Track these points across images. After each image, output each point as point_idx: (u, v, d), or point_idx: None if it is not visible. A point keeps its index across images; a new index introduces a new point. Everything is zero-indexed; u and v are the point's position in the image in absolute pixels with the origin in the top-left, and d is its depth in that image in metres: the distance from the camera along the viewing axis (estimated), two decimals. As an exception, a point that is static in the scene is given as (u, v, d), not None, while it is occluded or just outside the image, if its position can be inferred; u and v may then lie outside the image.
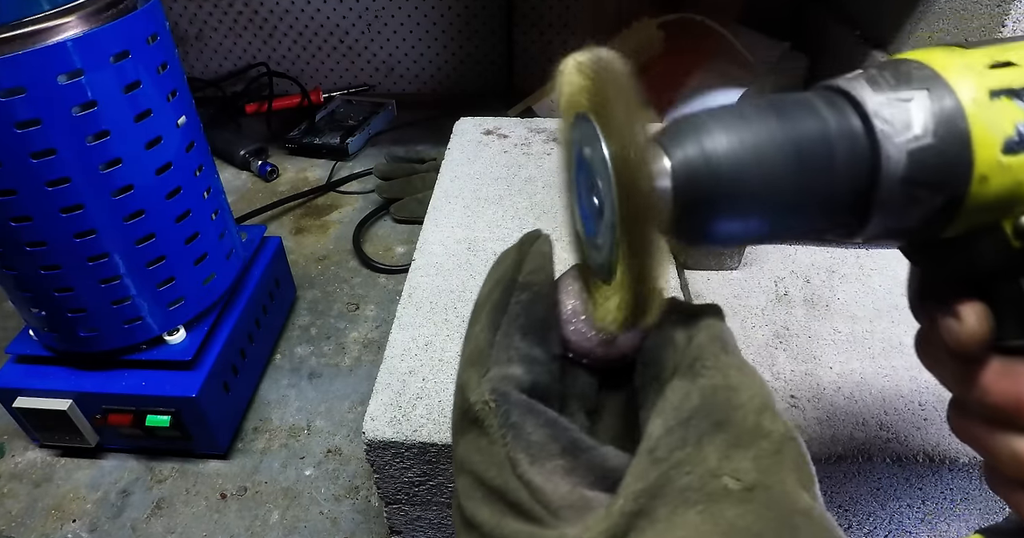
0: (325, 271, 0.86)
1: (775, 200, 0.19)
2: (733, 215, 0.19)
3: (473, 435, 0.19)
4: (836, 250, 0.54)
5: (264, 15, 1.21)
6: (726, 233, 0.20)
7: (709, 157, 0.18)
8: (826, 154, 0.19)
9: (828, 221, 0.20)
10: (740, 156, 0.18)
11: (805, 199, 0.19)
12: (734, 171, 0.18)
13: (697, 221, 0.19)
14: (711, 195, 0.19)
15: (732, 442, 0.17)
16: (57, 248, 0.49)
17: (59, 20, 0.43)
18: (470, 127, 0.72)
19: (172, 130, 0.52)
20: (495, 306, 0.21)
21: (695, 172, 0.18)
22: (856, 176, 0.19)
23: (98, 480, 0.61)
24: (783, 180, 0.19)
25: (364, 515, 0.58)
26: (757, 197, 0.19)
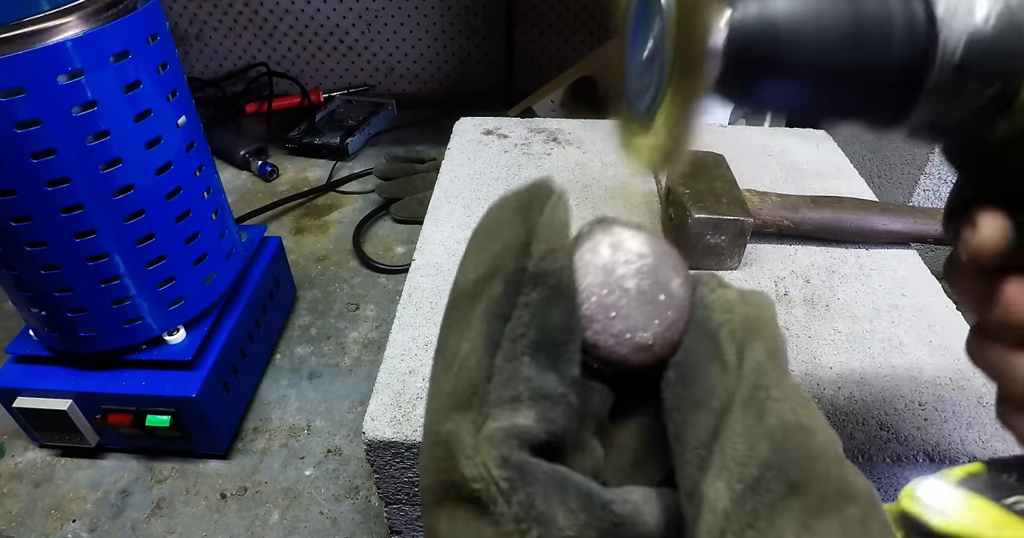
0: (325, 271, 0.86)
1: (827, 68, 0.19)
2: (782, 77, 0.19)
3: (468, 516, 0.14)
4: (836, 250, 0.54)
5: (264, 15, 1.21)
6: (771, 95, 0.20)
7: (770, 16, 0.19)
8: (884, 30, 0.19)
9: (874, 100, 0.20)
10: (800, 19, 0.19)
11: (856, 71, 0.19)
12: (792, 33, 0.19)
13: (746, 78, 0.19)
14: (766, 54, 0.19)
15: (814, 509, 0.13)
16: (57, 248, 0.49)
17: (59, 20, 0.43)
18: (470, 127, 0.72)
19: (172, 130, 0.52)
20: (492, 311, 0.15)
21: (754, 29, 0.19)
22: (911, 56, 0.19)
23: (98, 480, 0.61)
24: (839, 49, 0.19)
25: (364, 515, 0.58)
26: (810, 63, 0.19)
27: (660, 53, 0.20)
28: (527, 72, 1.24)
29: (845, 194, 0.57)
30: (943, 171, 0.83)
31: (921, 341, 0.46)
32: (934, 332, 0.46)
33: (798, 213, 0.53)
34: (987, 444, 0.39)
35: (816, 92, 0.20)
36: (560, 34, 1.20)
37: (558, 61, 1.22)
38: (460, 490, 0.14)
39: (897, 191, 0.88)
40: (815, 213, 0.54)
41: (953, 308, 0.49)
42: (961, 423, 0.40)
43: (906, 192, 0.86)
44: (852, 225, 0.53)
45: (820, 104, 0.20)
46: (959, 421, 0.40)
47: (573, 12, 1.17)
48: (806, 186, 0.62)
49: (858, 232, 0.54)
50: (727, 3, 0.19)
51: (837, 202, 0.54)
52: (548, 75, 1.18)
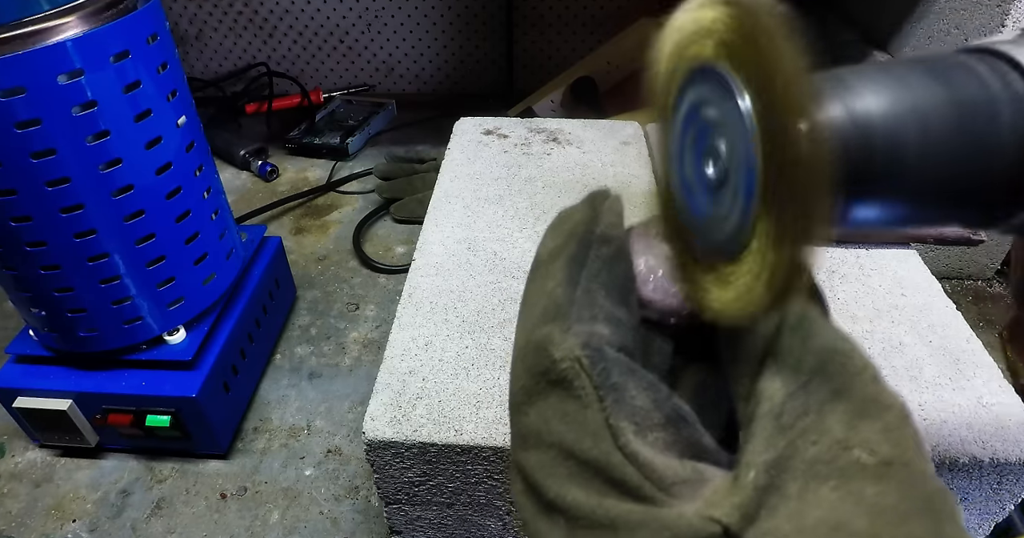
0: (325, 271, 0.86)
1: (931, 176, 0.16)
2: (882, 193, 0.16)
3: (556, 400, 0.16)
4: (836, 250, 0.54)
5: (264, 15, 1.21)
6: (867, 216, 0.17)
7: (859, 119, 0.15)
8: (991, 124, 0.16)
9: (981, 205, 0.17)
10: (896, 119, 0.15)
11: (963, 178, 0.16)
12: (889, 137, 0.15)
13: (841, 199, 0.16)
14: (860, 167, 0.15)
15: (856, 412, 0.15)
16: (57, 248, 0.49)
17: (59, 20, 0.43)
18: (470, 127, 0.72)
19: (172, 130, 0.52)
20: (571, 259, 0.18)
21: (842, 137, 0.15)
22: (1020, 155, 0.16)
23: (98, 480, 0.61)
24: (943, 151, 0.16)
25: (364, 515, 0.58)
26: (913, 172, 0.16)
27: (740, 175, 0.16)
28: (527, 72, 1.24)
29: (845, 194, 0.57)
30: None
31: (921, 341, 0.46)
32: (934, 332, 0.46)
33: (798, 213, 0.53)
34: (987, 444, 0.39)
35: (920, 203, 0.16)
36: (560, 34, 1.20)
37: (558, 61, 1.22)
38: (549, 375, 0.16)
39: (897, 191, 0.88)
40: (815, 213, 0.53)
41: (953, 308, 0.49)
42: (961, 423, 0.40)
43: (906, 192, 0.85)
44: (871, 231, 0.53)
45: (921, 216, 0.17)
46: (959, 421, 0.40)
47: (573, 12, 1.17)
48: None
49: (858, 232, 0.54)
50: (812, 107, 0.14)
51: (837, 202, 0.54)
52: (548, 75, 1.18)
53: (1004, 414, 0.40)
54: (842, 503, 0.14)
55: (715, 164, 0.17)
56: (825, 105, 0.15)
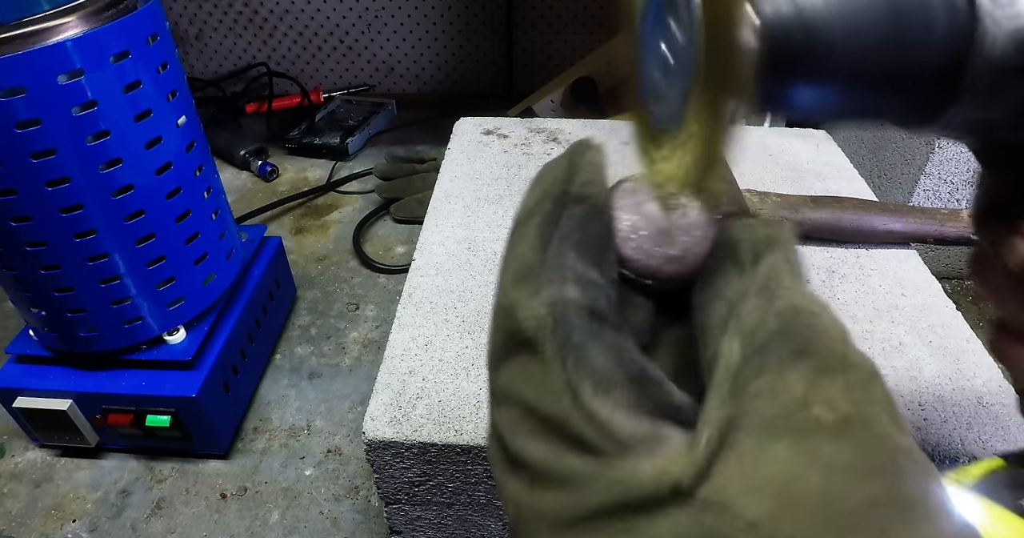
0: (325, 271, 0.86)
1: (863, 66, 0.17)
2: (817, 79, 0.18)
3: (522, 360, 0.17)
4: (836, 250, 0.54)
5: (264, 15, 1.21)
6: (805, 100, 0.18)
7: (802, 11, 0.17)
8: (922, 21, 0.17)
9: (911, 99, 0.18)
10: (834, 13, 0.17)
11: (893, 69, 0.18)
12: (826, 29, 0.17)
13: (778, 82, 0.18)
14: (799, 54, 0.17)
15: (818, 369, 0.15)
16: (57, 248, 0.49)
17: (59, 20, 0.43)
18: (470, 127, 0.72)
19: (172, 130, 0.52)
20: (544, 219, 0.18)
21: (785, 26, 0.17)
22: (950, 50, 0.17)
23: (98, 480, 0.61)
24: (875, 44, 0.17)
25: (364, 515, 0.58)
26: (846, 61, 0.17)
27: (684, 56, 0.18)
28: (527, 72, 1.24)
29: (845, 194, 0.57)
30: (943, 171, 0.83)
31: (921, 341, 0.46)
32: (934, 332, 0.46)
33: (798, 213, 0.53)
34: (987, 444, 0.39)
35: (851, 92, 0.18)
36: (560, 34, 1.20)
37: (558, 61, 1.22)
38: (516, 336, 0.17)
39: (897, 191, 0.88)
40: (815, 213, 0.54)
41: (953, 308, 0.49)
42: (961, 423, 0.40)
43: (906, 192, 0.86)
44: (852, 225, 0.53)
45: (853, 105, 0.19)
46: (959, 421, 0.40)
47: (573, 12, 1.17)
48: (806, 186, 0.62)
49: (858, 232, 0.54)
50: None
51: (837, 202, 0.54)
52: (548, 75, 1.18)
53: (1004, 414, 0.40)
54: (797, 460, 0.14)
55: (667, 43, 0.18)
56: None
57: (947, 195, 0.84)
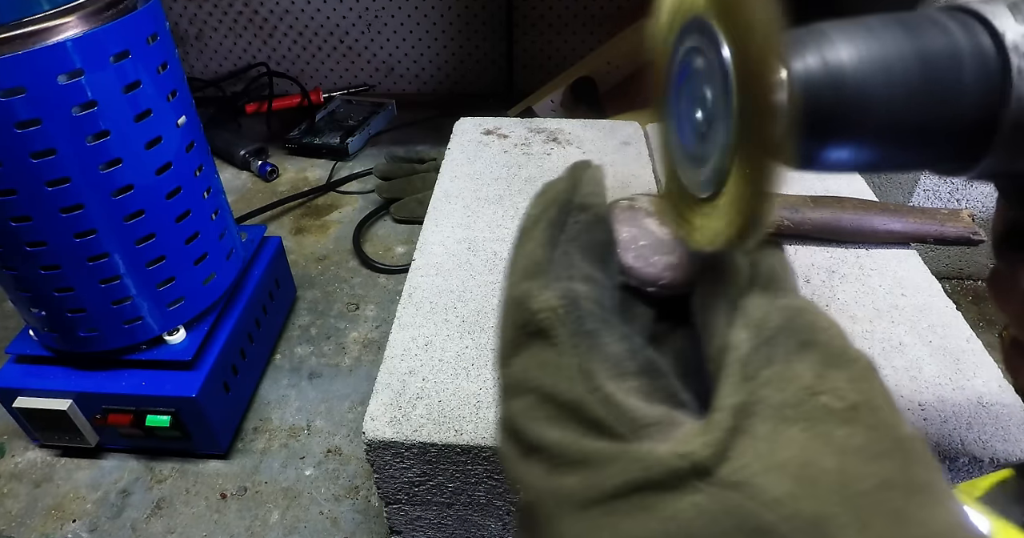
0: (325, 271, 0.86)
1: (897, 121, 0.17)
2: (851, 137, 0.18)
3: (535, 349, 0.17)
4: (836, 250, 0.54)
5: (264, 15, 1.21)
6: (840, 158, 0.18)
7: (831, 69, 0.17)
8: (955, 76, 0.17)
9: (943, 152, 0.18)
10: (865, 69, 0.17)
11: (927, 123, 0.18)
12: (858, 86, 0.17)
13: (812, 142, 0.18)
14: (831, 112, 0.17)
15: (824, 362, 0.16)
16: (57, 248, 0.49)
17: (59, 20, 0.43)
18: (470, 127, 0.72)
19: (172, 130, 0.52)
20: (551, 223, 0.19)
21: (816, 86, 0.17)
22: (982, 106, 0.17)
23: (98, 480, 0.61)
24: (908, 99, 0.17)
25: (364, 515, 0.58)
26: (880, 117, 0.17)
27: (720, 119, 0.17)
28: (527, 72, 1.24)
29: (845, 194, 0.57)
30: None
31: (921, 341, 0.46)
32: (934, 332, 0.46)
33: (798, 213, 0.53)
34: (987, 444, 0.39)
35: (886, 148, 0.18)
36: (560, 34, 1.20)
37: (558, 61, 1.22)
38: (529, 327, 0.17)
39: (897, 191, 0.88)
40: (815, 213, 0.54)
41: (953, 308, 0.49)
42: (961, 423, 0.40)
43: (906, 192, 0.86)
44: (852, 225, 0.53)
45: (887, 159, 0.18)
46: (959, 421, 0.40)
47: (573, 12, 1.17)
48: (806, 186, 0.62)
49: (858, 232, 0.54)
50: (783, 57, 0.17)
51: (837, 202, 0.54)
52: (548, 75, 1.18)
53: (1004, 414, 0.40)
54: (811, 443, 0.14)
55: (703, 110, 0.18)
56: (800, 55, 0.17)
57: (947, 195, 0.84)
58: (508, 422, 0.18)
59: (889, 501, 0.14)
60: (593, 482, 0.15)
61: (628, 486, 0.15)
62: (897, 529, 0.13)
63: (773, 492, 0.13)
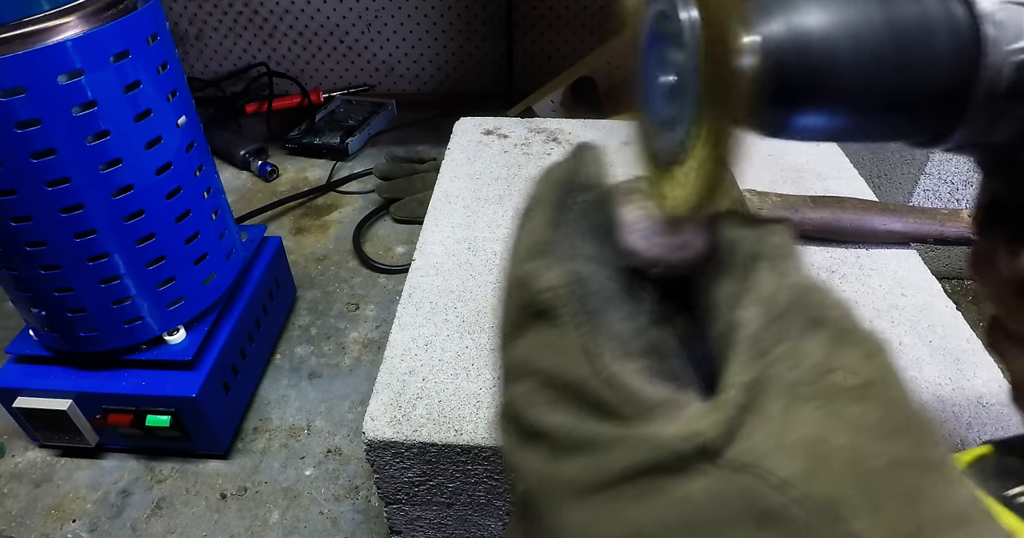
0: (325, 271, 0.86)
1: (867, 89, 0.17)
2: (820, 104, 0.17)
3: (538, 330, 0.17)
4: (836, 250, 0.54)
5: (264, 15, 1.21)
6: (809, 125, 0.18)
7: (799, 35, 0.17)
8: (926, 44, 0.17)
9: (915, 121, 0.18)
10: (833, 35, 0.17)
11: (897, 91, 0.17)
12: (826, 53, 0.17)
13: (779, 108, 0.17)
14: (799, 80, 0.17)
15: (835, 339, 0.15)
16: (57, 248, 0.49)
17: (59, 20, 0.43)
18: (470, 127, 0.72)
19: (172, 130, 0.52)
20: (554, 204, 0.19)
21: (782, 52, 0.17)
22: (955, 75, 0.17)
23: (98, 480, 0.61)
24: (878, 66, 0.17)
25: (364, 515, 0.58)
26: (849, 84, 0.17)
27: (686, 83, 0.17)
28: (527, 72, 1.24)
29: (845, 194, 0.57)
30: (943, 171, 0.83)
31: (921, 341, 0.46)
32: (934, 332, 0.46)
33: (798, 213, 0.53)
34: (987, 444, 0.39)
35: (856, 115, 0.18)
36: (560, 34, 1.20)
37: (558, 61, 1.22)
38: (531, 307, 0.17)
39: (897, 191, 0.88)
40: (815, 213, 0.54)
41: (953, 308, 0.49)
42: (961, 423, 0.40)
43: (906, 192, 0.86)
44: (852, 225, 0.53)
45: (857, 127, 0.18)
46: (959, 421, 0.40)
47: (573, 12, 1.17)
48: (806, 186, 0.62)
49: (858, 232, 0.54)
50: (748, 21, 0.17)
51: (837, 202, 0.54)
52: (548, 75, 1.18)
53: (1004, 414, 0.40)
54: (824, 422, 0.14)
55: (670, 72, 0.18)
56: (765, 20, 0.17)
57: (947, 195, 0.84)
58: (508, 407, 0.17)
59: (902, 480, 0.13)
60: (597, 467, 0.15)
61: (634, 470, 0.14)
62: (910, 508, 0.13)
63: (783, 473, 0.13)
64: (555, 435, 0.15)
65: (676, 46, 0.17)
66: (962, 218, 0.54)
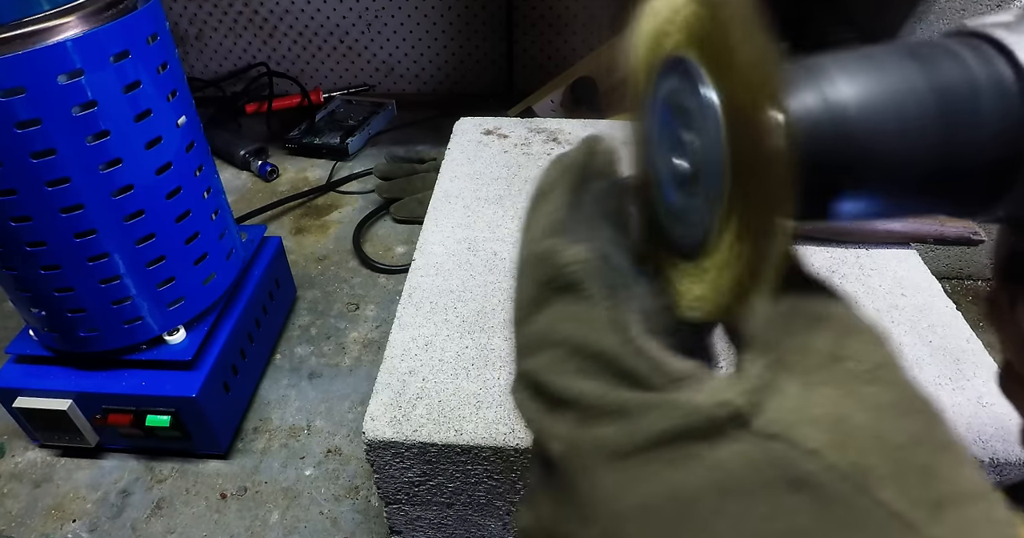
0: (325, 271, 0.86)
1: (912, 165, 0.15)
2: (860, 183, 0.16)
3: (563, 303, 0.17)
4: (836, 250, 0.54)
5: (264, 15, 1.21)
6: (849, 210, 0.16)
7: (833, 107, 0.15)
8: (972, 109, 0.15)
9: (961, 195, 0.16)
10: (872, 106, 0.15)
11: (944, 164, 0.15)
12: (866, 126, 0.15)
13: (815, 191, 0.15)
14: (837, 158, 0.15)
15: (840, 331, 0.16)
16: (57, 248, 0.49)
17: (59, 20, 0.43)
18: (470, 127, 0.72)
19: (172, 130, 0.52)
20: (570, 187, 0.19)
21: (816, 126, 0.15)
22: (1004, 139, 0.15)
23: (98, 480, 0.61)
24: (923, 137, 0.15)
25: (364, 515, 0.58)
26: (891, 160, 0.15)
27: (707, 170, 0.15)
28: (527, 72, 1.24)
29: (845, 194, 0.57)
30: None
31: (921, 341, 0.46)
32: (934, 332, 0.46)
33: (798, 213, 0.53)
34: (987, 444, 0.39)
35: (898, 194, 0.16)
36: (560, 34, 1.20)
37: (558, 61, 1.22)
38: (556, 282, 0.17)
39: (897, 191, 0.88)
40: (815, 213, 0.54)
41: (953, 308, 0.49)
42: (961, 423, 0.40)
43: (906, 192, 0.86)
44: (852, 225, 0.53)
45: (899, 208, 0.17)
46: (959, 421, 0.40)
47: (573, 12, 1.17)
48: (806, 186, 0.62)
49: (858, 232, 0.54)
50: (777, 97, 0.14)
51: (837, 202, 0.54)
52: (548, 75, 1.18)
53: (1004, 414, 0.40)
54: (842, 401, 0.14)
55: (685, 157, 0.17)
56: (796, 94, 0.15)
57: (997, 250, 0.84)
58: (530, 377, 0.17)
59: (920, 456, 0.14)
60: (631, 431, 0.15)
61: (669, 434, 0.14)
62: (931, 482, 0.13)
63: (811, 443, 0.14)
64: (585, 401, 0.15)
65: (694, 128, 0.16)
66: (962, 218, 0.54)
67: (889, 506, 0.13)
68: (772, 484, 0.13)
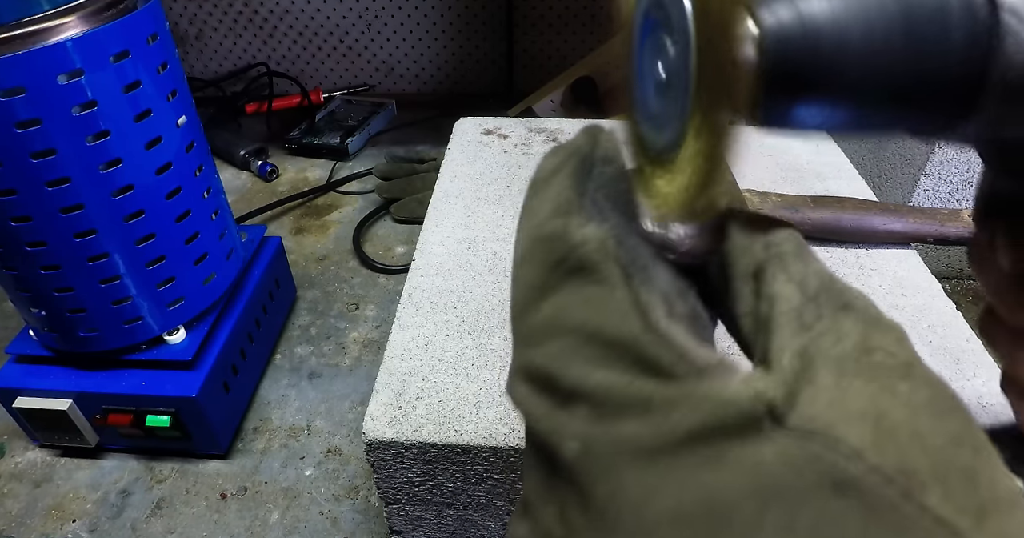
0: (325, 271, 0.86)
1: (877, 80, 0.16)
2: (824, 94, 0.16)
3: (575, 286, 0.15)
4: (836, 250, 0.54)
5: (264, 15, 1.21)
6: (810, 117, 0.17)
7: (806, 22, 0.16)
8: (940, 35, 0.16)
9: (924, 114, 0.17)
10: (843, 23, 0.16)
11: (908, 83, 0.16)
12: (835, 41, 0.16)
13: (781, 100, 0.16)
14: (806, 69, 0.16)
15: (868, 323, 0.15)
16: (57, 248, 0.49)
17: (59, 20, 0.43)
18: (470, 127, 0.72)
19: (172, 130, 0.52)
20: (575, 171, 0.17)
21: (788, 40, 0.16)
22: (968, 67, 0.16)
23: (98, 480, 0.61)
24: (889, 56, 0.16)
25: (364, 515, 0.58)
26: (857, 73, 0.16)
27: (679, 75, 0.16)
28: (527, 72, 1.24)
29: (845, 194, 0.57)
30: (943, 171, 0.83)
31: (921, 341, 0.46)
32: (934, 332, 0.46)
33: (798, 213, 0.53)
34: (987, 444, 0.39)
35: (864, 107, 0.17)
36: (560, 34, 1.20)
37: (558, 61, 1.22)
38: (567, 263, 0.15)
39: (897, 191, 0.88)
40: (815, 213, 0.54)
41: (953, 308, 0.49)
42: (961, 423, 0.40)
43: (906, 192, 0.86)
44: (852, 225, 0.53)
45: (862, 120, 0.17)
46: (959, 421, 0.40)
47: (573, 12, 1.17)
48: (806, 186, 0.62)
49: (858, 232, 0.54)
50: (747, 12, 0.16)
51: (837, 202, 0.54)
52: (548, 75, 1.18)
53: (1004, 414, 0.40)
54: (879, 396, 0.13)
55: (663, 63, 0.17)
56: (768, 6, 0.16)
57: (947, 195, 0.84)
58: (536, 369, 0.15)
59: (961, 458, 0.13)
60: (656, 427, 0.13)
61: (701, 430, 0.13)
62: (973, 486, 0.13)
63: (853, 443, 0.12)
64: (603, 394, 0.14)
65: (671, 34, 0.17)
66: (962, 218, 0.54)
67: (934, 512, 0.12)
68: (816, 487, 0.12)
